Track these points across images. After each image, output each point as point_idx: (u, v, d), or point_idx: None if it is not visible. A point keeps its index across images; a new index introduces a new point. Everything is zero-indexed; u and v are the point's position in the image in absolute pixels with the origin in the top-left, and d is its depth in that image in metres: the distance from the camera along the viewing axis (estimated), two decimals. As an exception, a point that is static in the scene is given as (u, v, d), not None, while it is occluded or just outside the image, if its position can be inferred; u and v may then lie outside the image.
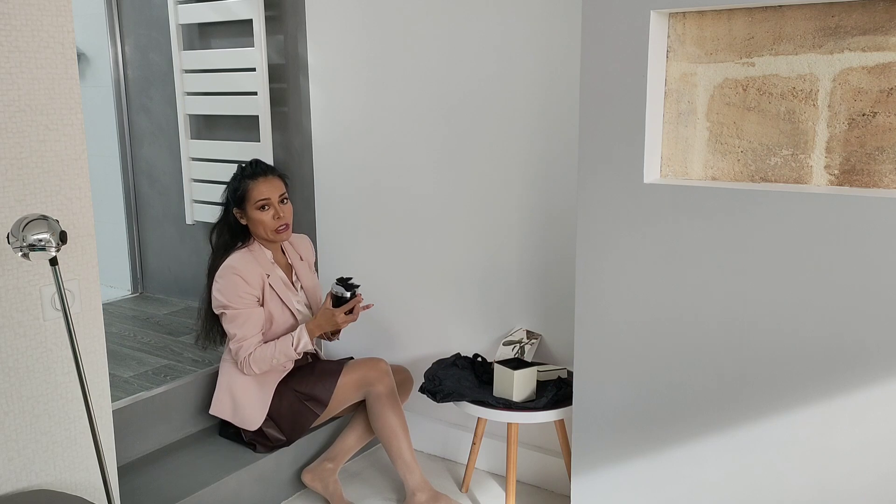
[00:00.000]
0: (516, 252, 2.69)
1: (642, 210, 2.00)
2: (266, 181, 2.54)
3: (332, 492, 2.62)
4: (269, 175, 2.56)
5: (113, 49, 3.66)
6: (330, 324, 2.52)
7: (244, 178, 2.54)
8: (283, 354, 2.50)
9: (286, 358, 2.51)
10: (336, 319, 2.51)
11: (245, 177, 2.55)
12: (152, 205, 3.77)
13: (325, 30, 2.96)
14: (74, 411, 1.87)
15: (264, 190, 2.52)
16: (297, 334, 2.51)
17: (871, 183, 1.82)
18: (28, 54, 1.70)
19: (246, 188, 2.53)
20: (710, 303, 1.96)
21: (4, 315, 1.73)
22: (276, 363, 2.51)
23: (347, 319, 2.53)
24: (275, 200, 2.53)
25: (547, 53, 2.51)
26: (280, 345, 2.50)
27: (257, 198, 2.51)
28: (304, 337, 2.51)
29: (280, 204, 2.55)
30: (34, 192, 1.74)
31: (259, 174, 2.55)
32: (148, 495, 2.34)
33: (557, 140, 2.54)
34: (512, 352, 2.63)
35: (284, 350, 2.49)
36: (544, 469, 2.74)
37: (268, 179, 2.54)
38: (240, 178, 2.56)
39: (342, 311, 2.51)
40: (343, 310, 2.51)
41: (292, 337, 2.51)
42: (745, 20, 1.90)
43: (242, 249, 2.56)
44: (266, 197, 2.52)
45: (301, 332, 2.51)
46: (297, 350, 2.50)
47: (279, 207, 2.54)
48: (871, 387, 1.79)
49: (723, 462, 2.00)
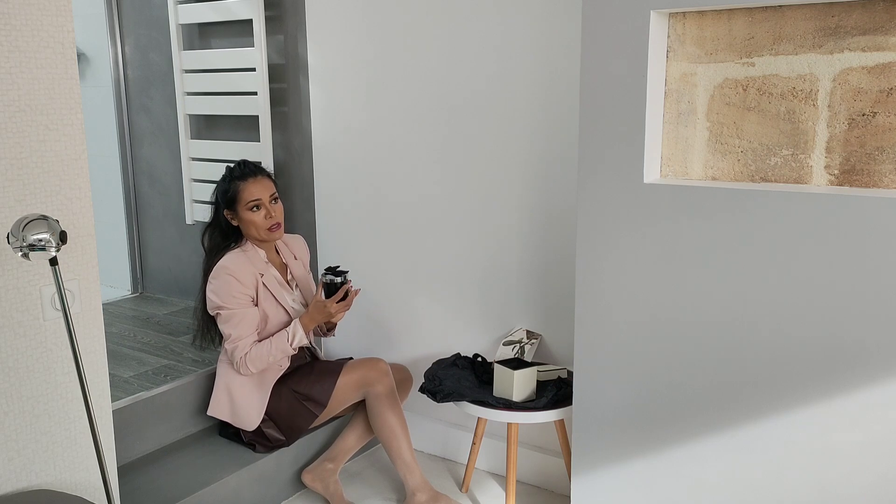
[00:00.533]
0: (516, 252, 2.69)
1: (642, 210, 2.00)
2: (256, 182, 2.53)
3: (333, 492, 2.62)
4: (259, 175, 2.56)
5: (113, 49, 3.66)
6: (323, 314, 2.51)
7: (233, 179, 2.54)
8: (280, 350, 2.49)
9: (282, 354, 2.51)
10: (329, 310, 2.50)
11: (234, 178, 2.54)
12: (152, 205, 3.77)
13: (325, 30, 2.96)
14: (74, 411, 1.87)
15: (255, 191, 2.52)
16: (292, 329, 2.51)
17: (871, 183, 1.82)
18: (28, 54, 1.70)
19: (236, 190, 2.52)
20: (709, 303, 1.96)
21: (4, 315, 1.73)
22: (272, 360, 2.50)
23: (340, 308, 2.52)
24: (266, 200, 2.53)
25: (547, 53, 2.51)
26: (275, 341, 2.50)
27: (248, 199, 2.51)
28: (299, 331, 2.51)
29: (271, 203, 2.55)
30: (34, 192, 1.74)
31: (248, 175, 2.54)
32: (148, 495, 2.34)
33: (557, 140, 2.54)
34: (512, 352, 2.63)
35: (280, 346, 2.49)
36: (544, 469, 2.74)
37: (258, 180, 2.54)
38: (229, 179, 2.55)
39: (334, 301, 2.50)
40: (335, 298, 2.50)
41: (287, 332, 2.51)
42: (745, 20, 1.90)
43: (235, 250, 2.55)
44: (257, 198, 2.52)
45: (295, 327, 2.51)
46: (292, 345, 2.50)
47: (270, 207, 2.54)
48: (871, 387, 1.79)
49: (723, 462, 2.00)
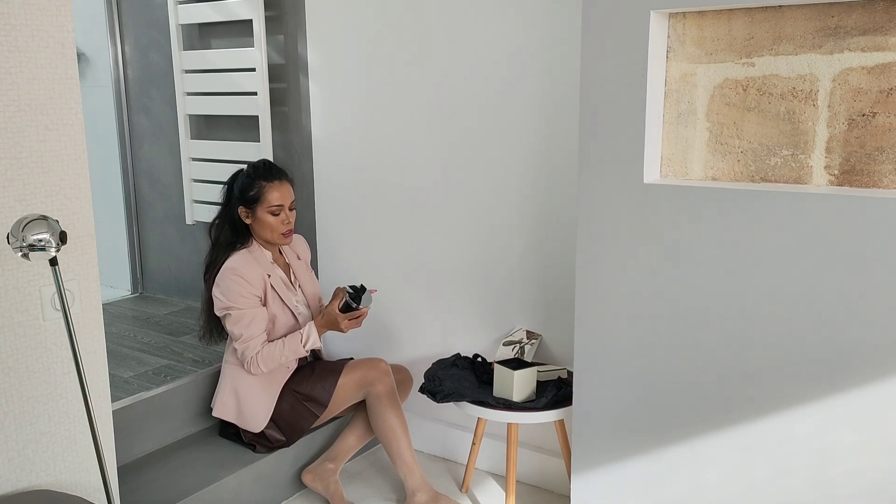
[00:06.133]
0: (516, 252, 2.69)
1: (642, 210, 2.00)
2: (282, 186, 2.54)
3: (333, 492, 2.62)
4: (285, 180, 2.57)
5: (113, 49, 3.66)
6: (334, 326, 2.54)
7: (258, 178, 2.53)
8: (292, 351, 2.50)
9: (294, 355, 2.52)
10: (341, 326, 2.52)
11: (259, 177, 2.53)
12: (152, 205, 3.77)
13: (325, 30, 2.96)
14: (74, 411, 1.87)
15: (280, 196, 2.53)
16: (307, 331, 2.51)
17: (871, 183, 1.82)
18: (28, 54, 1.70)
19: (261, 191, 2.51)
20: (710, 303, 1.96)
21: (4, 315, 1.73)
22: (283, 361, 2.51)
23: (351, 325, 2.55)
24: (286, 207, 2.55)
25: (547, 53, 2.50)
26: (289, 342, 2.50)
27: (272, 202, 2.51)
28: (314, 333, 2.51)
29: (289, 210, 2.56)
30: (34, 192, 1.74)
31: (275, 178, 2.54)
32: (148, 495, 2.34)
33: (557, 140, 2.54)
34: (512, 352, 2.63)
35: (293, 347, 2.50)
36: (544, 469, 2.74)
37: (283, 185, 2.55)
38: (253, 177, 2.54)
39: (347, 317, 2.52)
40: (348, 317, 2.52)
41: (301, 334, 2.51)
42: (745, 20, 1.90)
43: (242, 251, 2.55)
44: (280, 204, 2.53)
45: (310, 329, 2.52)
46: (305, 347, 2.51)
47: (288, 213, 2.55)
48: (871, 387, 1.79)
49: (723, 462, 2.00)
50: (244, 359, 2.50)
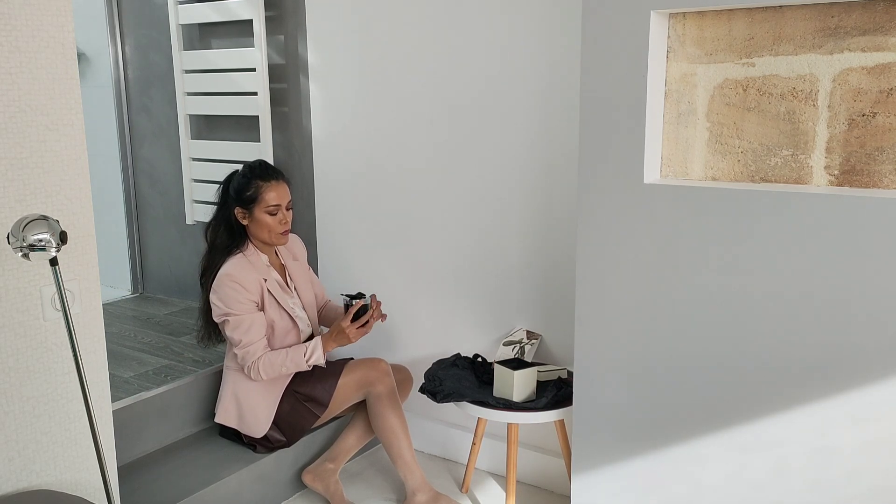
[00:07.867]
0: (516, 252, 2.69)
1: (642, 210, 2.00)
2: (279, 186, 2.54)
3: (334, 492, 2.62)
4: (281, 180, 2.56)
5: (113, 49, 3.66)
6: (342, 338, 2.51)
7: (254, 178, 2.52)
8: (294, 364, 2.49)
9: (296, 368, 2.50)
10: (348, 334, 2.49)
11: (256, 177, 2.53)
12: (152, 205, 3.77)
13: (325, 30, 2.96)
14: (74, 411, 1.87)
15: (277, 196, 2.52)
16: (312, 346, 2.50)
17: (871, 183, 1.82)
18: (28, 54, 1.70)
19: (258, 191, 2.51)
20: (709, 303, 1.96)
21: (4, 315, 1.73)
22: (284, 371, 2.50)
23: (359, 333, 2.52)
24: (283, 207, 2.54)
25: (547, 53, 2.51)
26: (292, 353, 2.49)
27: (270, 202, 2.51)
28: (318, 349, 2.50)
29: (286, 210, 2.55)
30: (34, 192, 1.74)
31: (271, 178, 2.54)
32: (148, 495, 2.35)
33: (557, 140, 2.54)
34: (512, 352, 2.63)
35: (296, 360, 2.48)
36: (544, 469, 2.74)
37: (280, 185, 2.54)
38: (250, 177, 2.53)
39: (348, 319, 2.50)
40: (348, 317, 2.50)
41: (306, 347, 2.50)
42: (745, 20, 1.90)
43: (237, 255, 2.53)
44: (277, 203, 2.52)
45: (316, 345, 2.50)
46: (308, 361, 2.49)
47: (285, 213, 2.55)
48: (871, 387, 1.79)
49: (723, 462, 2.00)
50: (244, 364, 2.49)
